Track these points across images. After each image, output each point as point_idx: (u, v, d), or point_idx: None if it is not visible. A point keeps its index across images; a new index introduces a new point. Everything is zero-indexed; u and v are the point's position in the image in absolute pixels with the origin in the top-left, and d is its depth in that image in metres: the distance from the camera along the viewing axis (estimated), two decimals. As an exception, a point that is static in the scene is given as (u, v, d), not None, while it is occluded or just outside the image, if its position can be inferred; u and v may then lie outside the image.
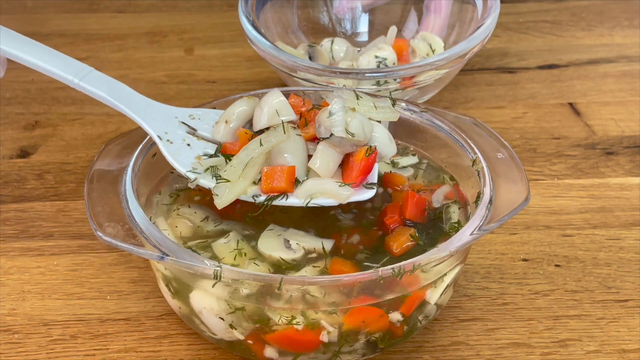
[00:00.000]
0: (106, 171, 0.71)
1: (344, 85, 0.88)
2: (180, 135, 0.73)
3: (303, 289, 0.62)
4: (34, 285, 0.77)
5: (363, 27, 1.08)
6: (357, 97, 0.72)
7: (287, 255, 0.68)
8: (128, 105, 0.74)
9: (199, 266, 0.62)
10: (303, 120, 0.71)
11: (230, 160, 0.70)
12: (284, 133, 0.69)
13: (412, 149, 0.79)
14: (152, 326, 0.73)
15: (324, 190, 0.68)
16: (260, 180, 0.69)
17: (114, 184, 0.70)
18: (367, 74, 0.89)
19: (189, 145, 0.73)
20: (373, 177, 0.70)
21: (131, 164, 0.71)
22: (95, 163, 0.71)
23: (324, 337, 0.64)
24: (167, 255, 0.63)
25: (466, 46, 0.92)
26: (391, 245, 0.69)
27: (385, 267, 0.62)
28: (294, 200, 0.68)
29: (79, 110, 1.00)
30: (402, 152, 0.79)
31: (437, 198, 0.74)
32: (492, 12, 0.96)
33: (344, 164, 0.70)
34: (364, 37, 1.07)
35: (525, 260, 0.80)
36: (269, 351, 0.66)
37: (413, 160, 0.78)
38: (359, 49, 1.02)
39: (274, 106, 0.71)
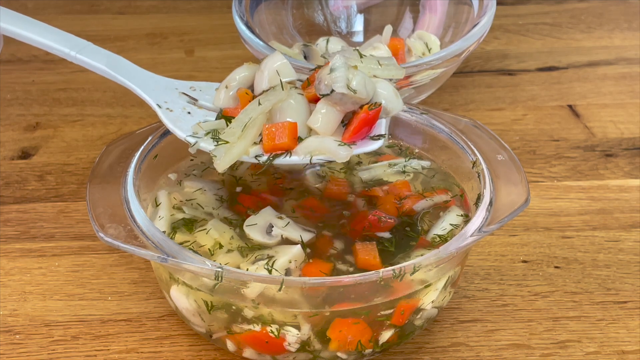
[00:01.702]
0: (108, 172, 0.71)
1: None
2: (180, 104, 0.73)
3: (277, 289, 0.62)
4: (35, 286, 0.77)
5: (358, 26, 1.08)
6: (361, 56, 0.70)
7: (264, 240, 0.68)
8: (127, 77, 0.74)
9: (200, 267, 0.62)
10: (306, 82, 0.70)
11: (230, 122, 0.69)
12: (283, 91, 0.68)
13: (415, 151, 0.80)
14: (153, 327, 0.73)
15: (323, 148, 0.67)
16: (261, 140, 0.68)
17: (116, 185, 0.70)
18: None
19: (189, 113, 0.72)
20: (380, 129, 0.69)
21: (132, 165, 0.71)
22: (96, 164, 0.72)
23: (290, 347, 0.65)
24: (169, 256, 0.63)
25: (462, 45, 0.92)
26: (356, 258, 0.68)
27: (386, 269, 0.62)
28: (295, 158, 0.67)
29: (80, 112, 1.01)
30: (409, 154, 0.79)
31: (424, 205, 0.73)
32: (487, 11, 0.96)
33: (349, 123, 0.68)
34: (360, 37, 1.07)
35: (524, 261, 0.80)
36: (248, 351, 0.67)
37: (425, 164, 0.78)
38: (354, 48, 1.02)
39: (275, 68, 0.70)
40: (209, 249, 0.68)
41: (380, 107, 0.68)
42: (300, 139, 0.68)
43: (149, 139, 0.74)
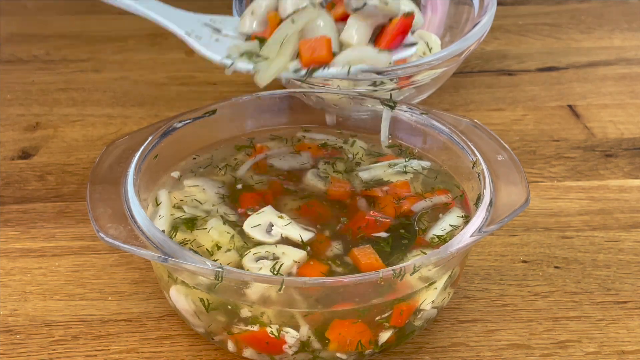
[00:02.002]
0: (108, 173, 0.71)
1: (338, 86, 0.89)
2: (207, 33, 0.75)
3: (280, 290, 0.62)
4: (35, 286, 0.77)
5: None
6: None
7: (263, 238, 0.69)
8: (151, 9, 0.75)
9: (200, 267, 0.62)
10: (329, 4, 0.73)
11: (264, 43, 0.71)
12: (314, 8, 0.71)
13: (416, 151, 0.80)
14: (153, 327, 0.73)
15: (363, 56, 0.70)
16: (298, 56, 0.70)
17: (116, 185, 0.70)
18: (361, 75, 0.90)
19: (217, 40, 0.74)
20: (410, 39, 0.72)
21: (133, 165, 0.71)
22: (97, 164, 0.72)
23: (289, 350, 0.65)
24: (169, 256, 0.63)
25: (462, 45, 0.92)
26: (359, 264, 0.68)
27: (386, 269, 0.62)
28: (333, 70, 0.70)
29: (80, 112, 1.01)
30: (409, 154, 0.79)
31: (423, 205, 0.73)
32: (488, 10, 0.96)
33: (377, 37, 0.71)
34: None
35: (524, 261, 0.80)
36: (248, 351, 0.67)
37: (425, 164, 0.78)
38: None
39: None
40: (207, 249, 0.68)
41: (414, 14, 0.70)
42: (334, 55, 0.70)
43: (149, 139, 0.74)
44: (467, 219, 0.71)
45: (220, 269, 0.61)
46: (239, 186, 0.75)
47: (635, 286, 0.77)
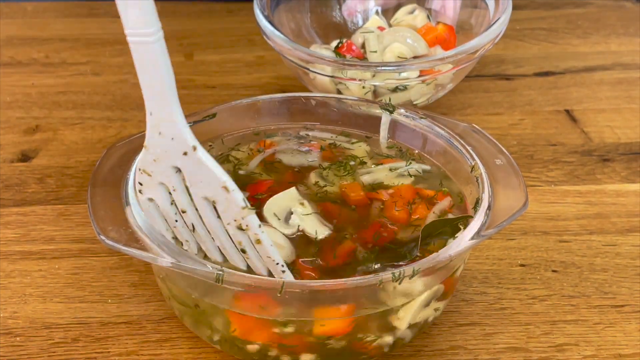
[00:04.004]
0: (108, 175, 0.71)
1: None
2: None
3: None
4: (35, 288, 0.77)
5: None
6: None
7: (280, 228, 0.68)
8: None
9: (201, 270, 0.62)
10: None
11: None
12: None
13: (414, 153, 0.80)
14: (153, 330, 0.73)
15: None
16: None
17: (116, 188, 0.70)
18: (380, 67, 0.92)
19: None
20: None
21: (133, 167, 0.72)
22: (97, 167, 0.72)
23: None
24: (170, 259, 0.63)
25: (479, 42, 0.93)
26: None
27: (386, 272, 0.62)
28: None
29: (80, 115, 1.01)
30: (409, 158, 0.79)
31: (430, 219, 0.73)
32: (504, 11, 0.97)
33: None
34: None
35: (522, 265, 0.80)
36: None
37: (424, 167, 0.78)
38: None
39: None
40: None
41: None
42: None
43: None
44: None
45: (220, 272, 0.62)
46: (241, 172, 0.75)
47: (632, 290, 0.78)
